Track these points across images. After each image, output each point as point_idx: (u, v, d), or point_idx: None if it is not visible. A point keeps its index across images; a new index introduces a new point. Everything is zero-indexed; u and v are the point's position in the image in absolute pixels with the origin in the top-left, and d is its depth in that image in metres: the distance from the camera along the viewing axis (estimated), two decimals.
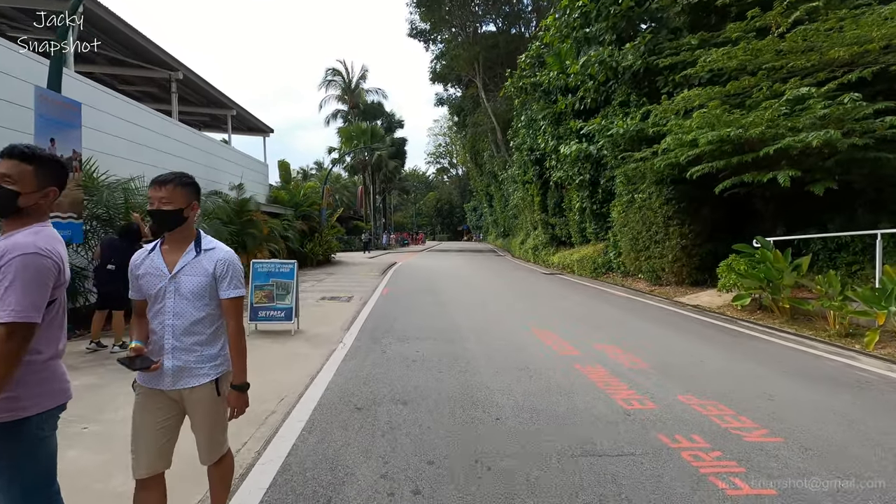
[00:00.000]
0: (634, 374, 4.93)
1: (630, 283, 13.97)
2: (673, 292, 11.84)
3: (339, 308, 9.15)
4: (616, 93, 14.19)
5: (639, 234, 13.06)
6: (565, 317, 8.42)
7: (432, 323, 7.63)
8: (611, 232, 16.46)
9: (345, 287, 12.63)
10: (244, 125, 20.63)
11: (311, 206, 21.28)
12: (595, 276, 16.50)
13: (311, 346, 6.06)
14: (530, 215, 25.90)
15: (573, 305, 9.88)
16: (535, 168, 22.41)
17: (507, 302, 10.24)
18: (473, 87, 35.45)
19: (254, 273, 6.62)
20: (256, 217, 14.96)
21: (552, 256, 22.01)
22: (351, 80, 45.80)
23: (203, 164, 15.37)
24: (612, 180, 15.80)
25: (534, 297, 11.21)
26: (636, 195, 13.04)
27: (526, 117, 22.23)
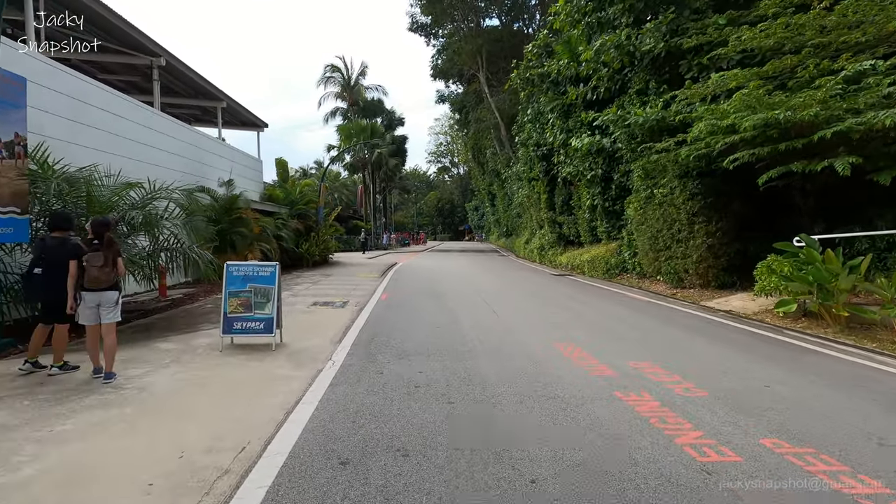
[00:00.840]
0: (692, 404, 3.94)
1: (648, 286, 12.97)
2: (698, 296, 10.84)
3: (331, 316, 8.17)
4: (633, 80, 13.19)
5: (658, 232, 12.06)
6: (586, 325, 7.43)
7: (437, 334, 6.64)
8: (624, 230, 15.47)
9: (340, 291, 11.66)
10: (237, 119, 19.67)
11: (307, 205, 20.30)
12: (608, 277, 15.51)
13: (292, 366, 5.08)
14: (536, 214, 24.91)
15: (592, 311, 8.89)
16: (542, 164, 21.42)
17: (518, 307, 9.25)
18: (476, 83, 34.46)
19: (227, 277, 5.64)
20: (247, 215, 13.99)
21: (560, 256, 21.02)
22: (350, 76, 44.84)
23: (190, 158, 14.41)
24: (627, 175, 14.80)
25: (546, 301, 10.22)
26: (656, 190, 12.04)
27: (532, 111, 21.23)
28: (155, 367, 5.00)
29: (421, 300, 10.01)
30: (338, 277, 14.99)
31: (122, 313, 4.81)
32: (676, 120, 9.93)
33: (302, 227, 18.83)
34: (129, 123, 11.43)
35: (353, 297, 10.36)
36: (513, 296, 11.08)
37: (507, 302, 9.95)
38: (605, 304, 9.95)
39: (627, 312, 8.83)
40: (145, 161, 11.77)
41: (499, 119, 30.09)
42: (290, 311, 8.38)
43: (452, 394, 4.16)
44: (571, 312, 8.75)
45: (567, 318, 8.17)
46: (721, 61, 10.40)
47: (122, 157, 10.76)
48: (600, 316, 8.41)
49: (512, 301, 10.15)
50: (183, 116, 18.57)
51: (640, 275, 14.25)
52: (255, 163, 19.72)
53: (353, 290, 11.62)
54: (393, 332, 6.72)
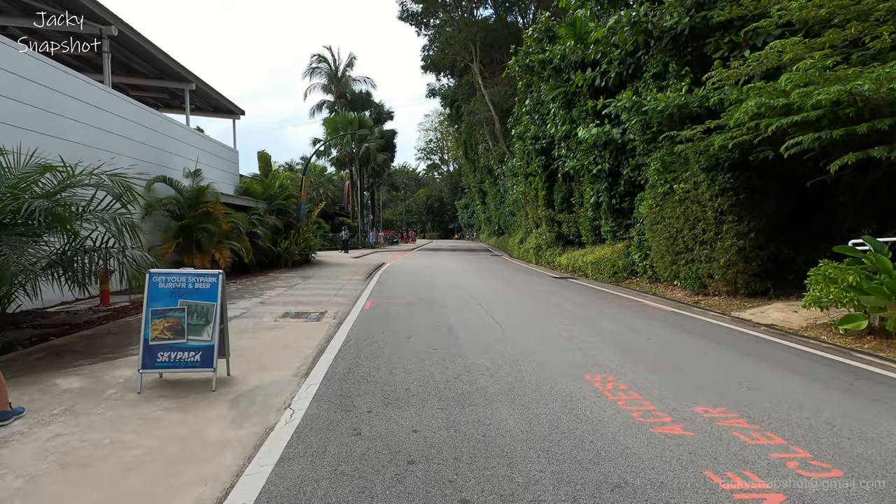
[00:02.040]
0: (836, 499, 2.56)
1: (663, 291, 11.68)
2: (726, 305, 9.56)
3: (303, 333, 6.67)
4: (649, 63, 11.85)
5: (678, 232, 10.76)
6: (612, 344, 6.04)
7: (434, 362, 5.20)
8: (633, 230, 14.19)
9: (319, 297, 10.15)
10: (209, 105, 17.96)
11: (287, 200, 18.69)
12: (615, 281, 14.21)
13: (232, 420, 3.59)
14: (532, 212, 23.57)
15: (612, 324, 7.52)
16: (541, 158, 20.06)
17: (524, 319, 7.84)
18: (469, 75, 33.00)
19: (150, 290, 4.12)
20: (215, 210, 12.39)
21: (559, 257, 19.71)
22: (337, 67, 43.07)
23: (151, 144, 12.75)
24: (638, 169, 13.50)
25: (554, 309, 8.84)
26: (676, 185, 10.73)
27: (531, 101, 19.86)
28: (30, 422, 3.48)
29: (411, 310, 8.56)
30: (318, 280, 13.45)
31: (42, 328, 3.30)
32: (711, 102, 8.62)
33: (281, 224, 17.23)
34: (73, 102, 9.77)
35: (332, 306, 8.86)
36: (515, 303, 9.68)
37: (510, 311, 8.55)
38: (623, 314, 8.60)
39: (654, 326, 7.48)
40: (95, 146, 10.13)
41: (493, 112, 28.69)
42: (252, 327, 6.87)
43: (465, 479, 2.72)
44: (589, 326, 7.37)
45: (585, 333, 6.78)
46: (757, 37, 9.11)
47: (62, 141, 9.13)
48: (624, 330, 7.04)
49: (516, 310, 8.75)
50: (149, 101, 16.84)
51: (651, 279, 12.96)
52: (229, 153, 18.05)
53: (333, 297, 10.11)
54: (377, 359, 5.26)
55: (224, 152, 17.76)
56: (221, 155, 17.40)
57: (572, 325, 7.39)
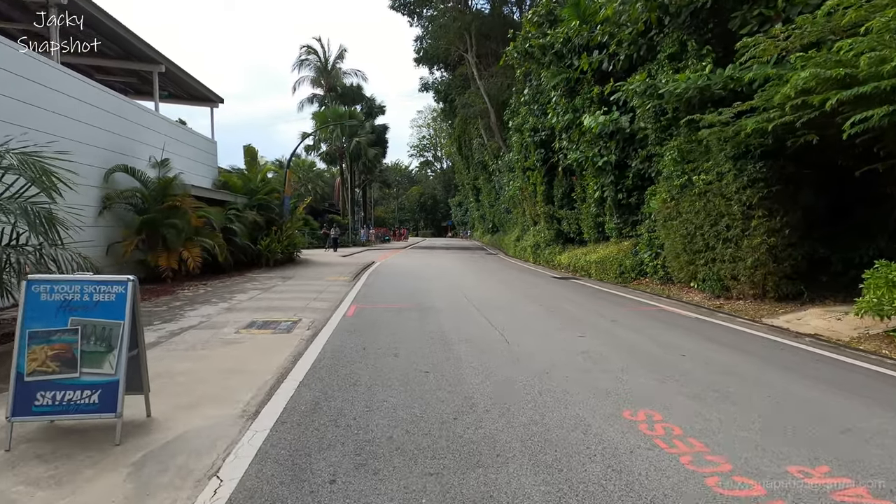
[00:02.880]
0: None
1: (678, 294, 10.63)
2: (753, 310, 8.52)
3: (266, 348, 5.50)
4: (664, 42, 10.77)
5: (697, 229, 9.70)
6: (651, 368, 4.94)
7: (425, 394, 4.06)
8: (642, 227, 13.14)
9: (297, 300, 8.97)
10: (184, 92, 16.64)
11: (269, 195, 17.43)
12: (622, 281, 13.15)
13: (128, 499, 2.43)
14: (530, 208, 22.49)
15: (634, 335, 6.42)
16: (540, 151, 18.97)
17: (532, 329, 6.72)
18: (463, 67, 31.83)
19: (27, 304, 2.93)
20: (183, 203, 11.14)
21: (559, 256, 18.64)
22: (327, 59, 41.72)
23: (114, 131, 11.47)
24: (649, 160, 12.44)
25: (564, 316, 7.74)
26: (696, 177, 9.67)
27: (530, 90, 18.76)
28: None
29: (400, 318, 7.41)
30: (299, 281, 12.25)
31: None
32: (746, 78, 7.51)
33: (262, 221, 15.98)
34: (19, 81, 8.48)
35: (309, 313, 7.68)
36: (518, 308, 8.57)
37: (513, 318, 7.42)
38: (642, 322, 7.50)
39: (682, 337, 6.40)
40: (40, 129, 8.84)
41: (488, 104, 27.54)
42: (206, 342, 5.69)
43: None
44: (607, 337, 6.27)
45: (606, 347, 5.68)
46: (792, 8, 8.05)
47: (10, 125, 7.87)
48: (649, 343, 5.95)
49: (519, 316, 7.63)
50: (117, 86, 15.50)
51: (663, 280, 11.92)
52: (206, 143, 16.74)
53: (312, 301, 8.93)
54: (354, 388, 4.11)
55: (201, 143, 16.46)
56: (197, 145, 16.11)
57: (588, 337, 6.28)
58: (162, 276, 10.67)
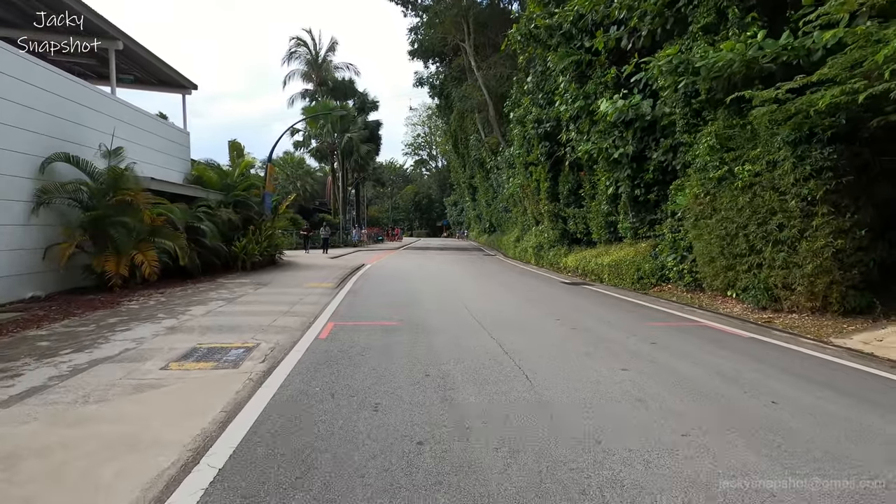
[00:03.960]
0: None
1: (712, 304, 9.18)
2: (814, 326, 7.06)
3: (192, 397, 3.93)
4: (696, 12, 9.27)
5: (740, 228, 8.24)
6: (740, 426, 3.41)
7: (418, 491, 2.52)
8: (664, 226, 11.69)
9: (264, 314, 7.40)
10: (152, 76, 14.99)
11: (248, 190, 15.83)
12: (641, 288, 11.69)
13: None
14: (532, 206, 21.00)
15: (698, 371, 4.90)
16: (544, 145, 17.47)
17: (562, 360, 5.20)
18: (460, 58, 30.31)
19: None
20: (136, 198, 9.52)
21: (565, 258, 17.17)
22: (318, 52, 40.10)
23: (55, 114, 9.84)
24: (673, 151, 10.98)
25: (594, 339, 6.22)
26: (738, 167, 8.19)
27: (533, 78, 17.26)
28: None
29: (387, 343, 5.87)
30: (274, 288, 10.66)
31: None
32: (825, 39, 6.03)
33: (237, 219, 14.35)
34: None
35: (272, 334, 6.11)
36: (533, 325, 7.05)
37: (532, 342, 5.90)
38: (689, 344, 6.00)
39: (750, 367, 4.89)
40: None
41: (486, 96, 26.03)
42: (115, 383, 4.11)
43: None
44: (657, 370, 4.76)
45: (662, 387, 4.16)
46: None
47: None
48: (715, 379, 4.44)
49: (539, 339, 6.11)
50: (76, 70, 13.84)
51: (690, 287, 10.46)
52: (177, 134, 15.10)
53: (282, 316, 7.36)
54: (300, 489, 2.56)
55: (171, 133, 14.82)
56: (166, 136, 14.47)
57: (633, 371, 4.76)
58: (108, 285, 9.05)
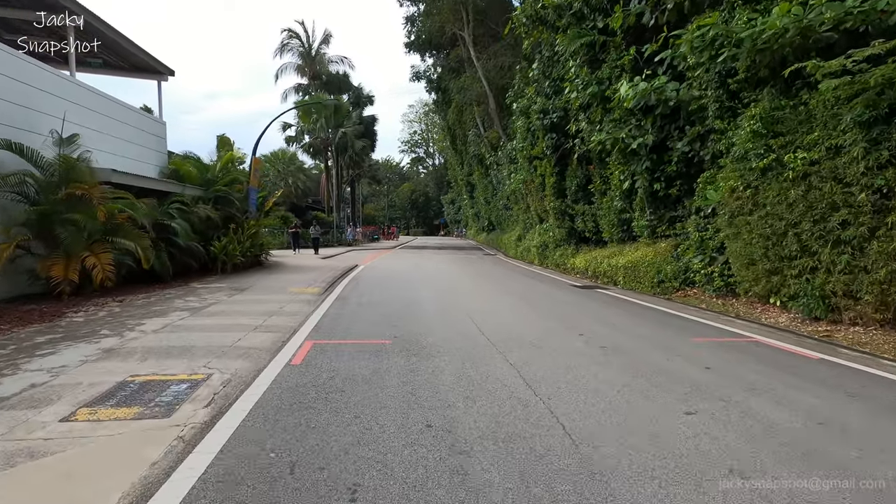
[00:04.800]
0: None
1: (748, 312, 8.03)
2: (889, 343, 5.90)
3: (90, 469, 2.74)
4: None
5: (790, 226, 7.07)
6: None
7: None
8: (687, 224, 10.56)
9: (231, 329, 6.19)
10: (123, 60, 13.68)
11: (230, 186, 14.57)
12: (662, 292, 10.53)
13: None
14: (536, 203, 19.82)
15: (781, 413, 3.69)
16: (551, 137, 16.27)
17: (608, 399, 4.00)
18: (458, 49, 29.07)
19: None
20: (90, 192, 8.26)
21: (572, 259, 16.00)
22: (311, 44, 38.73)
23: (4, 97, 8.57)
24: (702, 139, 9.81)
25: (637, 365, 5.03)
26: (789, 155, 7.01)
27: (539, 63, 16.05)
28: None
29: (376, 372, 4.66)
30: (253, 294, 9.43)
31: None
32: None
33: (217, 217, 13.09)
34: None
35: (230, 359, 4.89)
36: (555, 344, 5.84)
37: (559, 369, 4.71)
38: (751, 370, 4.81)
39: (841, 405, 3.71)
40: None
41: (486, 88, 24.80)
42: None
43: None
44: (731, 413, 3.56)
45: (748, 440, 2.97)
46: None
47: None
48: (809, 423, 3.25)
49: (567, 365, 4.91)
50: (38, 53, 12.51)
51: (720, 292, 9.30)
52: (149, 123, 13.81)
53: (251, 332, 6.14)
54: None
55: (143, 122, 13.54)
56: (138, 125, 13.19)
57: (702, 414, 3.56)
58: (54, 292, 7.80)
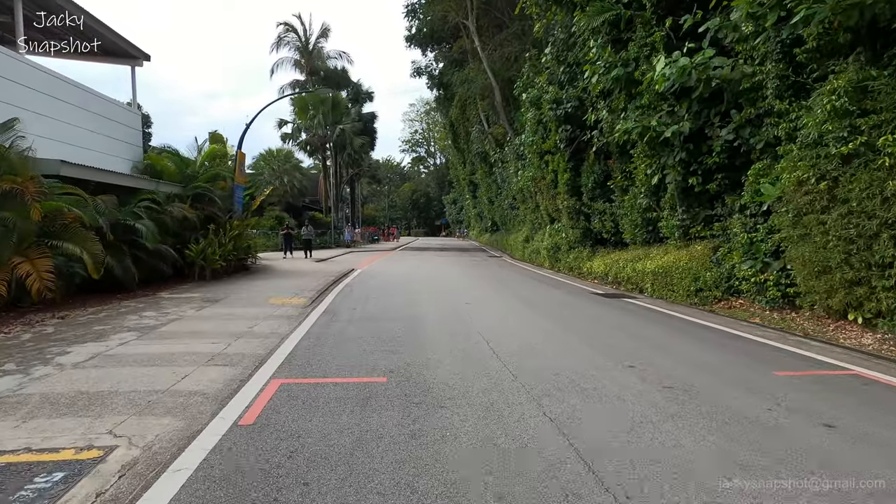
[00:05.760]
0: None
1: (818, 330, 6.62)
2: None
3: None
4: None
5: (885, 226, 5.64)
6: None
7: None
8: (731, 223, 9.16)
9: (178, 358, 4.81)
10: (86, 41, 12.29)
11: (213, 182, 13.18)
12: (700, 303, 9.13)
13: None
14: (547, 202, 18.39)
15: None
16: (565, 128, 14.85)
17: (695, 476, 2.60)
18: (461, 41, 27.67)
19: None
20: (23, 187, 6.85)
21: (588, 262, 14.59)
22: (308, 38, 37.32)
23: None
24: (753, 124, 8.40)
25: (718, 415, 3.61)
26: (886, 138, 5.59)
27: (553, 49, 14.64)
28: None
29: (363, 431, 3.26)
30: (225, 307, 8.01)
31: None
32: None
33: (194, 216, 11.68)
34: None
35: (153, 418, 3.48)
36: (604, 386, 4.42)
37: (621, 430, 3.30)
38: (885, 427, 3.40)
39: None
40: None
41: (492, 79, 23.39)
42: None
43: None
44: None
45: None
46: None
47: None
48: None
49: (628, 422, 3.49)
50: (6, 38, 11.15)
51: (776, 304, 7.88)
52: (119, 112, 12.41)
53: (201, 367, 4.73)
54: None
55: (112, 111, 12.15)
56: (105, 114, 11.80)
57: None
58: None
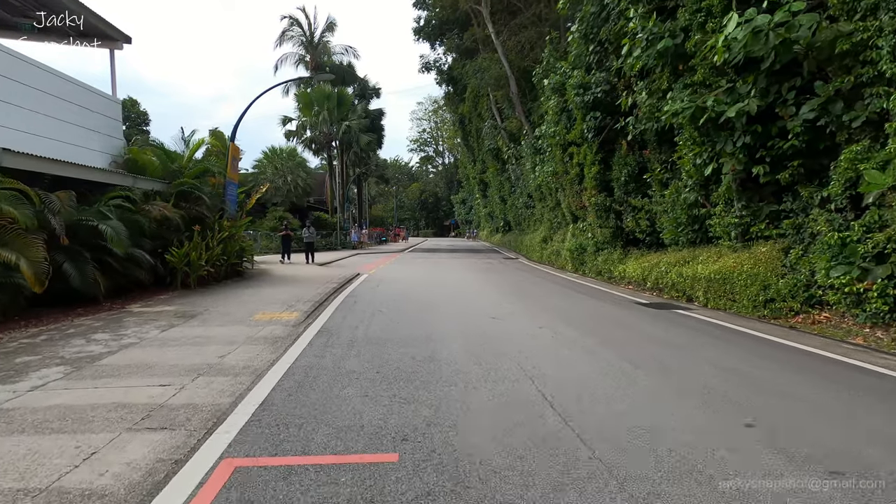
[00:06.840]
0: None
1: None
2: None
3: None
4: None
5: None
6: None
7: None
8: (810, 221, 7.60)
9: (101, 417, 3.42)
10: (73, 24, 10.97)
11: (201, 178, 11.83)
12: (771, 315, 7.57)
13: None
14: (569, 199, 16.81)
15: None
16: (593, 116, 13.29)
17: None
18: (473, 29, 26.18)
19: None
20: None
21: (620, 265, 13.04)
22: (314, 32, 36.06)
23: None
24: (847, 99, 6.81)
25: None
26: None
27: (580, 25, 13.08)
28: None
29: None
30: (198, 327, 6.58)
31: None
32: None
33: (178, 217, 10.30)
34: None
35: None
36: (732, 468, 2.91)
37: None
38: None
39: None
40: None
41: (507, 68, 21.86)
42: None
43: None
44: None
45: None
46: None
47: None
48: None
49: None
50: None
51: (881, 320, 6.30)
52: (95, 101, 11.08)
53: (123, 434, 3.29)
54: None
55: (87, 99, 10.82)
56: (79, 102, 10.48)
57: None
58: None
